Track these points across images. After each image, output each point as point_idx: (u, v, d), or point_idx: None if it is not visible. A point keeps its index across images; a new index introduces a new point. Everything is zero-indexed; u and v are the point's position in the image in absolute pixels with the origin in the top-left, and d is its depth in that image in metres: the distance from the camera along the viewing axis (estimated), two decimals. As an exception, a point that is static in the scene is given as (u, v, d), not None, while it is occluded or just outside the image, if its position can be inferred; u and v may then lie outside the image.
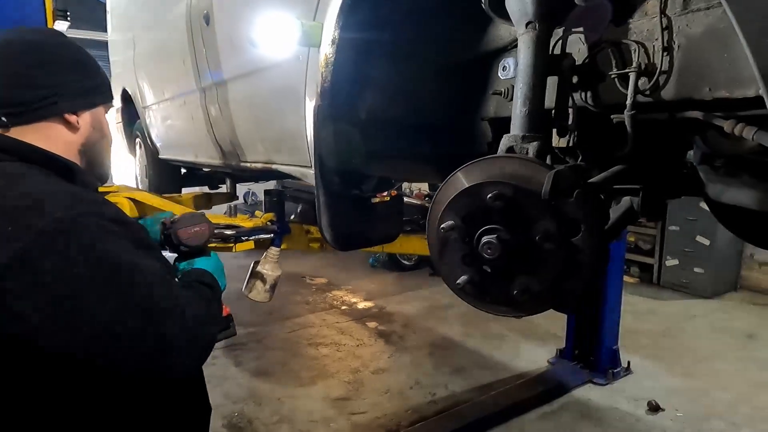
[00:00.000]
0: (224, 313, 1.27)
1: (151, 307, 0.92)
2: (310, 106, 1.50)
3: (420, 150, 1.81)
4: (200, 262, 1.26)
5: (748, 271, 6.35)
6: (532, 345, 4.67)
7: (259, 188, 7.71)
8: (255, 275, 2.23)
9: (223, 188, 3.97)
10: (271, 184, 8.04)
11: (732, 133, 1.07)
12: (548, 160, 1.42)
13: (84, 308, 0.87)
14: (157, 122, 3.29)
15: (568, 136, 1.29)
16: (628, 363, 4.14)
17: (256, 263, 2.26)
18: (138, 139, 3.99)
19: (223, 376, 4.07)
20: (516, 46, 1.45)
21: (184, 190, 3.89)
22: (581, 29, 1.24)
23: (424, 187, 6.75)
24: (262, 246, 2.29)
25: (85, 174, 1.11)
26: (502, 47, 1.48)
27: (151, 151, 3.64)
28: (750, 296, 6.19)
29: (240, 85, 1.99)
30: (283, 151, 1.79)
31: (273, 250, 2.27)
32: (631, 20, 1.16)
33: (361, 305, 5.85)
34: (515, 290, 1.03)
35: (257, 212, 2.38)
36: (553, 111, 1.26)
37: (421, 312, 5.62)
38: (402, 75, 1.59)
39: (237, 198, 3.73)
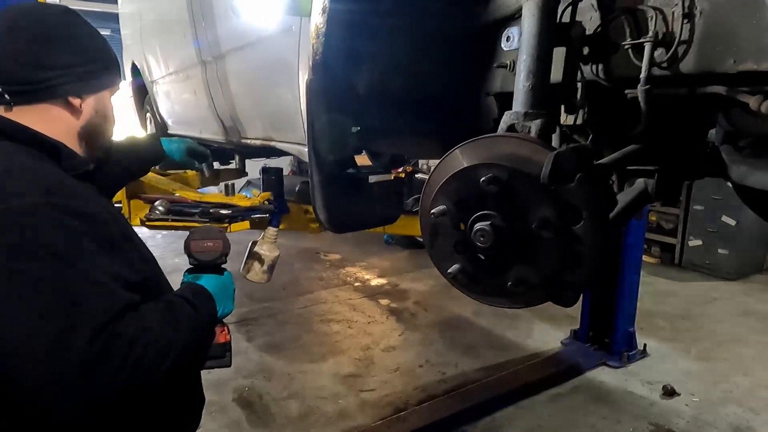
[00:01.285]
0: (221, 340, 1.19)
1: (73, 314, 0.82)
2: (303, 80, 1.41)
3: (424, 126, 1.72)
4: (205, 280, 1.16)
5: (776, 253, 6.11)
6: (546, 325, 4.59)
7: (276, 163, 7.69)
8: (252, 256, 2.19)
9: (233, 164, 3.93)
10: (287, 160, 7.98)
11: (758, 111, 0.96)
12: (555, 140, 1.32)
13: None
14: (164, 97, 3.25)
15: (576, 113, 1.19)
16: (645, 346, 4.05)
17: (254, 243, 2.22)
18: (148, 114, 3.96)
19: (234, 350, 4.10)
20: (521, 15, 1.35)
21: (194, 166, 3.86)
22: (593, -6, 1.13)
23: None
24: (259, 226, 2.24)
25: (73, 157, 1.06)
26: (509, 15, 1.37)
27: (161, 126, 3.61)
28: (777, 277, 5.98)
29: (237, 58, 1.91)
30: (280, 128, 1.72)
31: (271, 230, 2.22)
32: (649, -17, 1.04)
33: (375, 282, 5.83)
34: (509, 281, 0.95)
35: (254, 191, 2.32)
36: (561, 85, 1.16)
37: (433, 290, 5.58)
38: (402, 47, 1.49)
39: (246, 174, 3.68)
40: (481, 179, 0.93)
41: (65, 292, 0.84)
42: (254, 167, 4.96)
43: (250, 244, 2.21)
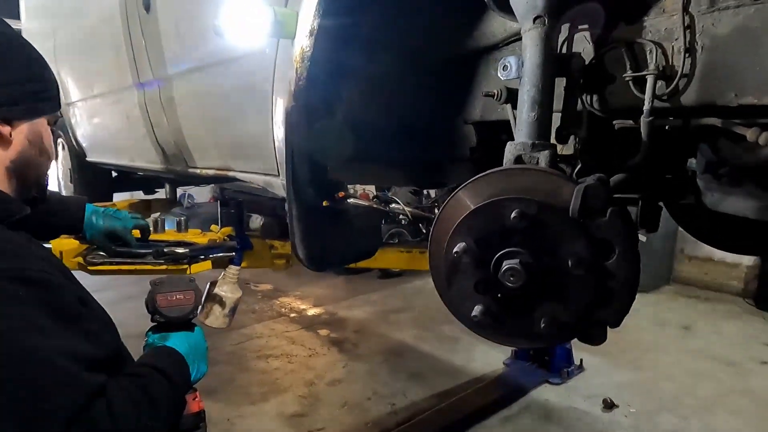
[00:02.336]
0: (194, 409, 1.04)
1: (35, 414, 0.68)
2: (279, 106, 1.30)
3: (397, 155, 1.66)
4: (175, 340, 1.02)
5: (680, 265, 6.72)
6: (486, 346, 4.63)
7: (196, 191, 7.26)
8: (212, 298, 1.98)
9: (161, 193, 3.63)
10: (207, 188, 7.58)
11: (755, 142, 1.00)
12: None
13: None
14: (83, 121, 2.93)
15: (575, 143, 1.18)
16: (581, 361, 4.21)
17: (213, 284, 2.01)
18: (60, 140, 3.56)
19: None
20: (509, 43, 1.34)
21: (116, 196, 3.51)
22: (589, 26, 1.14)
23: (369, 186, 6.61)
24: (219, 264, 2.04)
25: (6, 201, 0.87)
26: (493, 45, 1.36)
27: (77, 153, 3.25)
28: (682, 289, 6.55)
29: (189, 81, 1.74)
30: (242, 157, 1.58)
31: (232, 269, 2.02)
32: (646, 18, 1.07)
33: (311, 312, 5.62)
34: (541, 321, 0.90)
35: (213, 226, 2.12)
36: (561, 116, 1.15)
37: (372, 317, 5.48)
38: (382, 73, 1.43)
39: (179, 204, 3.40)
40: (511, 214, 0.88)
41: (23, 392, 0.67)
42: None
43: (208, 285, 2.00)
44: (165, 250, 1.70)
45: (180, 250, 1.77)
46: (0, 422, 0.66)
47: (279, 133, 1.34)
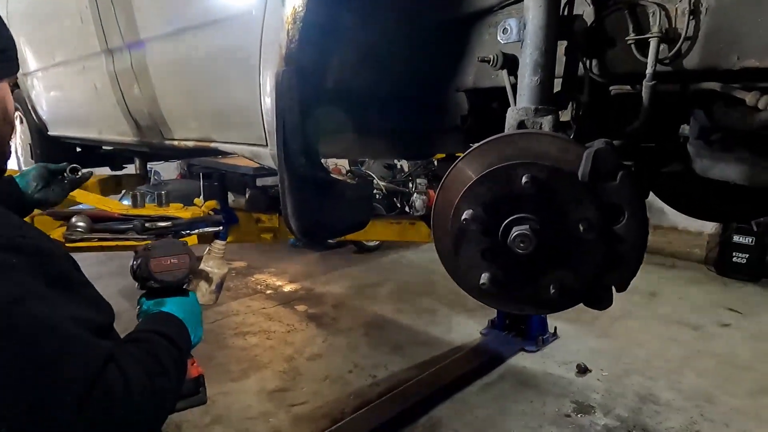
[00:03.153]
0: (193, 374, 1.01)
1: (50, 387, 0.64)
2: (268, 71, 1.24)
3: (386, 124, 1.62)
4: (172, 305, 0.98)
5: (646, 235, 6.93)
6: (463, 317, 4.73)
7: (162, 167, 7.02)
8: (198, 274, 1.91)
9: (130, 170, 3.47)
10: (174, 163, 7.33)
11: (754, 107, 1.00)
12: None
13: None
14: (44, 92, 2.76)
15: (572, 108, 1.17)
16: (555, 328, 4.33)
17: (198, 260, 1.94)
18: (18, 113, 3.35)
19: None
20: (504, 6, 1.31)
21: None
22: (590, -12, 1.12)
23: (342, 161, 6.53)
24: (203, 240, 1.97)
25: None
26: (488, 8, 1.32)
27: (37, 127, 3.07)
28: (648, 257, 6.69)
29: (166, 46, 1.64)
30: (226, 127, 1.51)
31: (218, 244, 1.95)
32: (649, -21, 1.05)
33: (287, 288, 5.58)
34: (551, 287, 0.89)
35: (196, 200, 2.03)
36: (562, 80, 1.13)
37: (350, 291, 5.49)
38: (373, 37, 1.38)
39: (149, 180, 3.27)
40: (519, 179, 0.86)
41: (34, 364, 0.62)
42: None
43: (192, 260, 1.92)
44: (147, 224, 1.62)
45: (163, 224, 1.69)
46: (14, 399, 0.62)
47: (267, 99, 1.28)
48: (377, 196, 6.01)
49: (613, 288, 0.93)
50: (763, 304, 5.25)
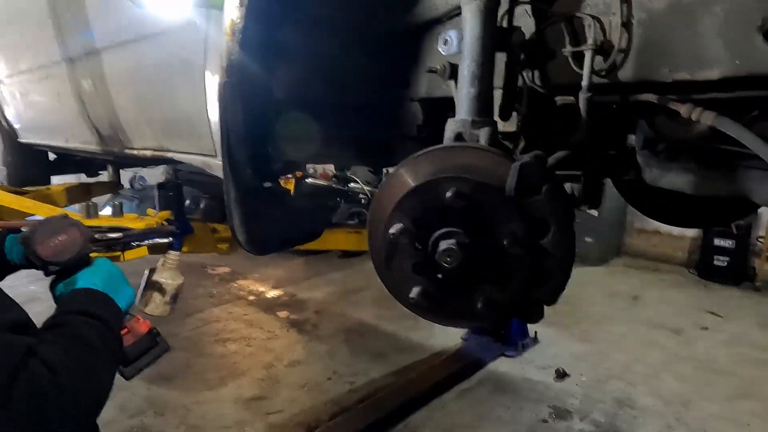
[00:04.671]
0: (143, 330, 0.99)
1: None
2: (212, 82, 1.23)
3: (342, 133, 1.61)
4: (83, 279, 0.95)
5: (629, 238, 6.98)
6: (445, 323, 4.72)
7: (148, 173, 6.98)
8: (151, 285, 1.88)
9: (104, 176, 3.44)
10: (160, 169, 7.30)
11: (688, 118, 1.01)
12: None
13: None
14: (13, 99, 2.73)
15: (518, 120, 1.17)
16: (535, 333, 4.33)
17: (152, 271, 1.91)
18: (-11, 120, 3.32)
19: (116, 386, 3.62)
20: (452, 17, 1.31)
21: (55, 179, 3.31)
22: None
23: (329, 166, 6.53)
24: (158, 251, 1.94)
25: None
26: (436, 18, 1.32)
27: (8, 134, 3.04)
28: (631, 261, 6.82)
29: (119, 55, 1.63)
30: (178, 137, 1.50)
31: (172, 255, 1.93)
32: (584, -9, 1.05)
33: (270, 294, 5.55)
34: (478, 302, 0.88)
35: (149, 210, 2.01)
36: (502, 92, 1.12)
37: (333, 297, 5.47)
38: (323, 47, 1.37)
39: (122, 187, 3.24)
40: (447, 193, 0.86)
41: None
42: (124, 177, 4.42)
43: (146, 272, 1.90)
44: (96, 236, 1.60)
45: (113, 235, 1.66)
46: None
47: (214, 111, 1.27)
48: (362, 200, 6.00)
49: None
50: (743, 307, 5.28)
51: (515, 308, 0.91)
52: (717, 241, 5.85)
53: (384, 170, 6.90)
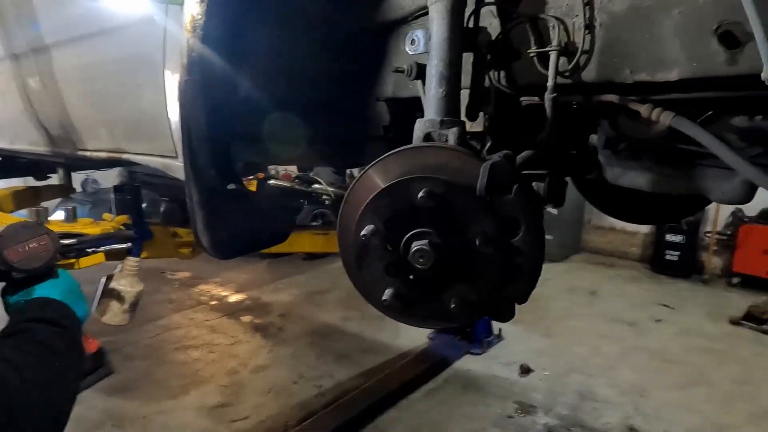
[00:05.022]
0: (92, 350, 0.95)
1: None
2: (172, 80, 1.18)
3: (307, 133, 1.58)
4: (43, 290, 0.91)
5: (587, 235, 7.21)
6: (411, 322, 4.73)
7: (102, 175, 6.70)
8: (109, 293, 1.79)
9: (55, 179, 3.27)
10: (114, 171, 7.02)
11: (648, 118, 1.04)
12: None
13: None
14: (-49, 98, 2.55)
15: (484, 119, 1.17)
16: (500, 330, 4.40)
17: (110, 278, 1.82)
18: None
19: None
20: (418, 17, 1.30)
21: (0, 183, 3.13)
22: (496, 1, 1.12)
23: (291, 167, 6.44)
24: (116, 257, 1.85)
25: None
26: (402, 18, 1.31)
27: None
28: (589, 257, 7.05)
29: (71, 51, 1.54)
30: (136, 138, 1.44)
31: (131, 261, 1.84)
32: (548, -7, 1.06)
33: (233, 298, 5.44)
34: (452, 302, 0.88)
35: (106, 215, 1.92)
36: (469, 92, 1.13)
37: (298, 299, 5.41)
38: (287, 45, 1.34)
39: (74, 190, 3.09)
40: (418, 194, 0.85)
41: None
42: (76, 179, 4.23)
43: (103, 279, 1.81)
44: (64, 244, 1.51)
45: (67, 242, 1.57)
46: None
47: (174, 110, 1.22)
48: (326, 201, 5.95)
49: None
50: (692, 299, 5.54)
51: (487, 307, 0.91)
52: (668, 237, 6.11)
53: (348, 171, 6.87)
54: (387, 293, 0.90)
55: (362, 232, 0.88)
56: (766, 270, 5.53)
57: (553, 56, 1.03)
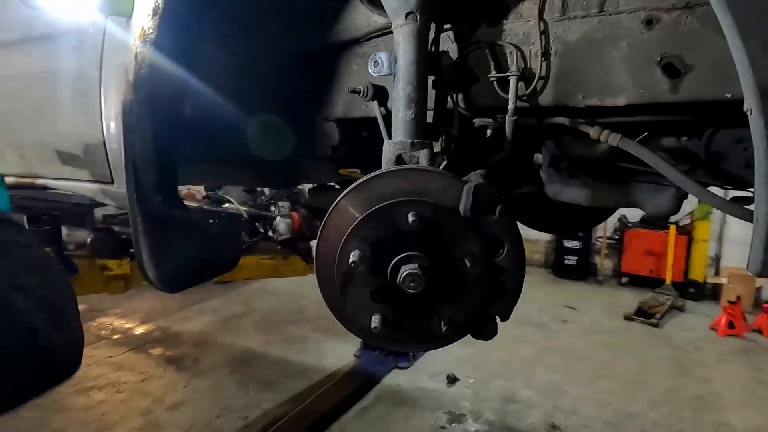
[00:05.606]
0: None
1: None
2: (111, 98, 1.07)
3: (251, 153, 1.51)
4: None
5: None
6: (336, 342, 4.67)
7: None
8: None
9: None
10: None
11: (596, 139, 1.12)
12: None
13: None
14: None
15: (441, 140, 1.20)
16: (424, 342, 4.48)
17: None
18: None
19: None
20: (372, 38, 1.31)
21: None
22: (452, 26, 1.16)
23: (197, 186, 6.10)
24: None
25: None
26: (355, 39, 1.31)
27: None
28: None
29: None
30: (58, 162, 1.27)
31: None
32: (505, 21, 1.12)
33: (139, 330, 4.99)
34: (441, 323, 0.88)
35: None
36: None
37: (212, 326, 5.10)
38: (236, 63, 1.28)
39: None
40: (404, 217, 0.84)
41: None
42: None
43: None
44: None
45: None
46: None
47: (113, 131, 1.10)
48: (242, 221, 5.70)
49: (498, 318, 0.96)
50: (590, 299, 6.07)
51: (473, 326, 0.92)
52: (567, 243, 6.64)
53: (258, 189, 6.63)
54: (375, 320, 0.87)
55: (351, 259, 0.85)
56: (649, 269, 6.22)
57: (513, 81, 1.08)
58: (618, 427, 3.39)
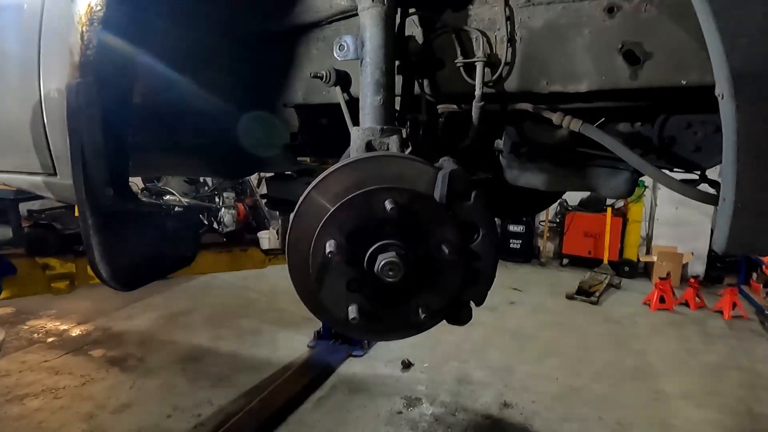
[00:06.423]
0: None
1: None
2: (53, 82, 0.98)
3: (205, 142, 1.44)
4: None
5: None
6: (289, 333, 4.61)
7: None
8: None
9: None
10: None
11: (558, 125, 1.15)
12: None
13: None
14: None
15: (406, 126, 1.18)
16: (378, 329, 4.50)
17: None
18: None
19: None
20: (333, 21, 1.27)
21: None
22: (417, 10, 1.14)
23: (135, 178, 5.80)
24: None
25: None
26: (315, 22, 1.27)
27: None
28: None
29: None
30: (-10, 151, 1.16)
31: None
32: (470, 6, 1.12)
33: (76, 331, 4.71)
34: (419, 310, 0.87)
35: None
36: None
37: (158, 324, 4.89)
38: (188, 47, 1.21)
39: None
40: (381, 205, 0.82)
41: None
42: None
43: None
44: None
45: None
46: None
47: (53, 118, 1.01)
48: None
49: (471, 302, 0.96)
50: (535, 281, 6.31)
51: (449, 312, 0.93)
52: (511, 227, 6.85)
53: (200, 179, 6.38)
54: (352, 310, 0.86)
55: (327, 249, 0.82)
56: (587, 250, 6.54)
57: (479, 67, 1.08)
58: (565, 400, 3.56)
